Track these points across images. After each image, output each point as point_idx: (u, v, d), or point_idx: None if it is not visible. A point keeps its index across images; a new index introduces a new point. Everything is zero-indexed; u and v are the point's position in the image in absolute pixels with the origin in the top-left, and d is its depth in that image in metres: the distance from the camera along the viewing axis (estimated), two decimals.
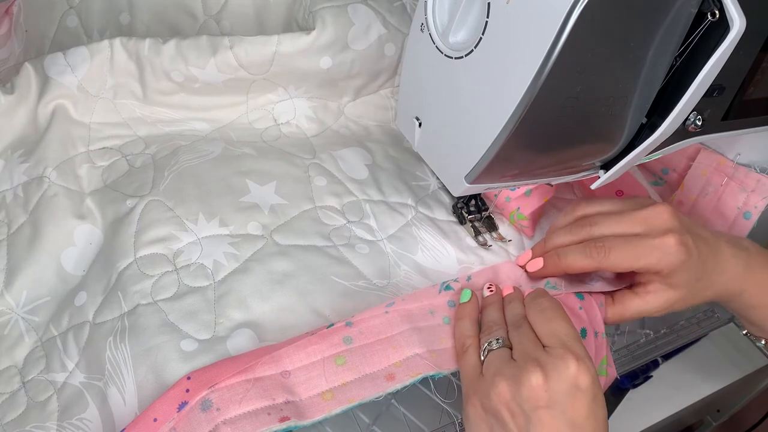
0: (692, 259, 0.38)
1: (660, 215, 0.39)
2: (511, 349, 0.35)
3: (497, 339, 0.35)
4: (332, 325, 0.36)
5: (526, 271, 0.43)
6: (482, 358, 0.35)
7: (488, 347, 0.35)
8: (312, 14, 0.49)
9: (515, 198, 0.48)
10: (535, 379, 0.31)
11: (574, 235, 0.41)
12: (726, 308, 0.43)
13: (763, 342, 0.43)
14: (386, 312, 0.38)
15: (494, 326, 0.37)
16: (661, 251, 0.38)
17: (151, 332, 0.36)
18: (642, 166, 0.58)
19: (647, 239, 0.38)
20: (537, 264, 0.42)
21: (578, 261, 0.39)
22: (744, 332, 0.45)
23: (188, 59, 0.47)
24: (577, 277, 0.43)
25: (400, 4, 0.52)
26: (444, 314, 0.40)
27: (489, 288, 0.41)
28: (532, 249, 0.43)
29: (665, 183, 0.58)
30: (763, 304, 0.40)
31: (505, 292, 0.40)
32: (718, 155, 0.51)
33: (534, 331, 0.35)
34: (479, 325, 0.38)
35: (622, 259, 0.38)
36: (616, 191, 0.54)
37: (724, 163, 0.50)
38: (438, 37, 0.37)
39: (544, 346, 0.34)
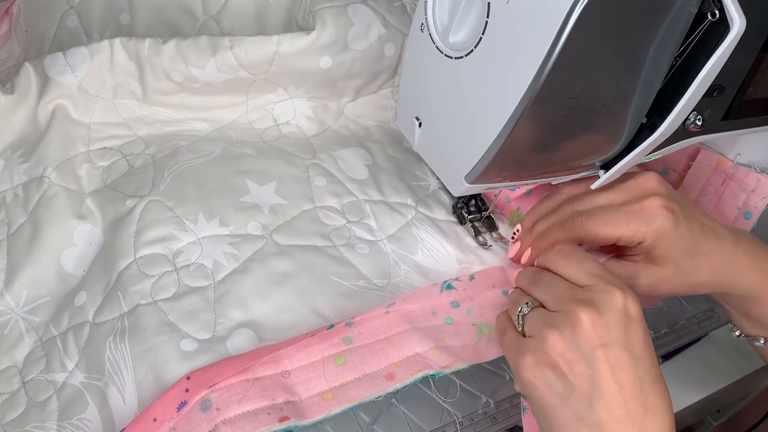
0: (680, 231, 0.35)
1: (645, 182, 0.37)
2: (543, 307, 0.33)
3: (526, 303, 0.34)
4: (332, 326, 0.36)
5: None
6: (519, 329, 0.33)
7: (520, 314, 0.33)
8: (312, 14, 0.49)
9: (515, 198, 0.48)
10: (587, 319, 0.30)
11: (559, 215, 0.39)
12: (721, 302, 0.41)
13: (762, 341, 0.40)
14: (387, 312, 0.38)
15: (517, 298, 0.35)
16: (642, 217, 0.35)
17: (150, 332, 0.36)
18: (642, 166, 0.58)
19: (628, 205, 0.36)
20: (527, 255, 0.40)
21: (557, 235, 0.37)
22: (737, 333, 0.41)
23: (188, 59, 0.47)
24: None
25: (400, 4, 0.52)
26: (446, 315, 0.40)
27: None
28: (520, 239, 0.41)
29: None
30: (757, 298, 0.38)
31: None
32: (718, 155, 0.51)
33: (561, 277, 0.33)
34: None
35: (599, 226, 0.36)
36: None
37: (724, 163, 0.50)
38: (438, 37, 0.37)
39: (582, 286, 0.32)
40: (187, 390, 0.32)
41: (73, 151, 0.46)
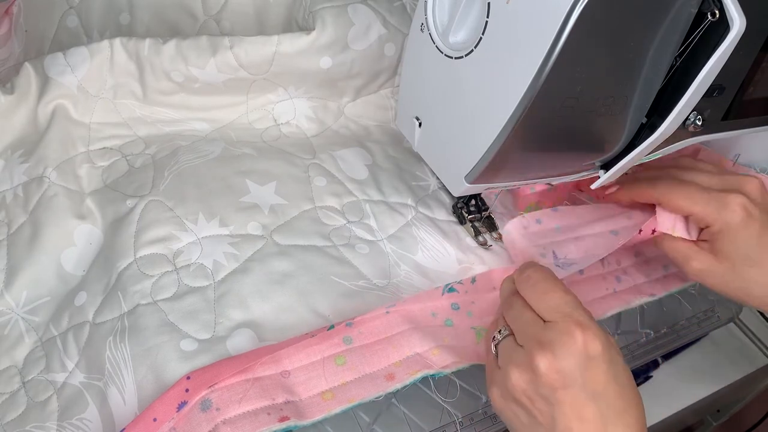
0: (748, 233, 0.36)
1: (746, 182, 0.38)
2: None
3: (500, 330, 0.34)
4: (333, 327, 0.36)
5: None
6: (494, 353, 0.34)
7: (494, 341, 0.34)
8: (312, 14, 0.49)
9: (539, 191, 0.48)
10: (544, 364, 0.30)
11: (657, 171, 0.41)
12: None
13: None
14: (387, 312, 0.38)
15: (496, 321, 0.36)
16: (720, 204, 0.37)
17: (150, 332, 0.36)
18: (642, 165, 0.58)
19: (716, 192, 0.38)
20: (613, 189, 0.42)
21: (644, 187, 0.39)
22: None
23: (188, 59, 0.47)
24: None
25: (400, 4, 0.52)
26: (446, 317, 0.40)
27: None
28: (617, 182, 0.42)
29: None
30: None
31: None
32: (718, 155, 0.51)
33: (531, 307, 0.34)
34: None
35: (681, 198, 0.38)
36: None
37: (724, 163, 0.50)
38: (438, 37, 0.37)
39: (545, 321, 0.32)
40: (187, 390, 0.32)
41: (73, 151, 0.46)
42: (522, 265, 0.36)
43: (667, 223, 0.41)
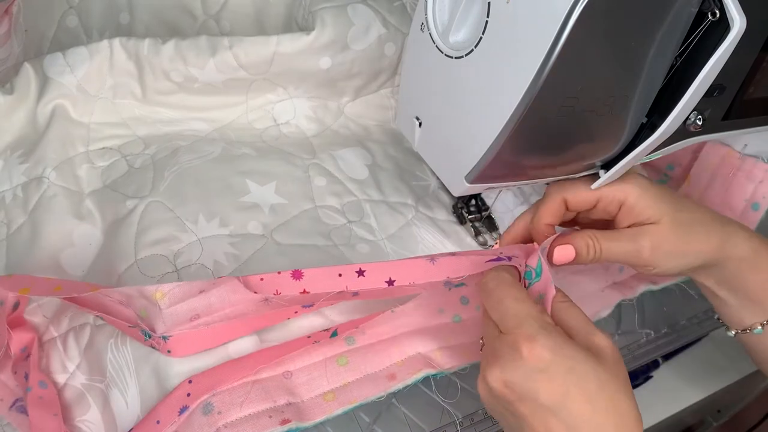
0: (659, 187, 0.36)
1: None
2: None
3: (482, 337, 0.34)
4: (335, 333, 0.36)
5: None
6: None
7: (480, 344, 0.34)
8: (311, 14, 0.49)
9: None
10: (493, 378, 0.29)
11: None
12: (714, 291, 0.39)
13: (760, 327, 0.38)
14: (392, 311, 0.37)
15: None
16: (620, 180, 0.36)
17: None
18: (647, 164, 0.58)
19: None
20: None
21: (549, 191, 0.38)
22: (732, 333, 0.40)
23: (187, 59, 0.47)
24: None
25: (400, 3, 0.52)
26: (455, 312, 0.39)
27: None
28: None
29: (669, 179, 0.57)
30: (740, 284, 0.37)
31: None
32: (726, 147, 0.50)
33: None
34: None
35: (580, 186, 0.37)
36: None
37: (731, 155, 0.49)
38: (438, 36, 0.37)
39: (500, 331, 0.31)
40: (188, 394, 0.32)
41: (73, 151, 0.46)
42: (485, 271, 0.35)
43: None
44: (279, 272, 0.33)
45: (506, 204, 0.51)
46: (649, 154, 0.39)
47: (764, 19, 0.35)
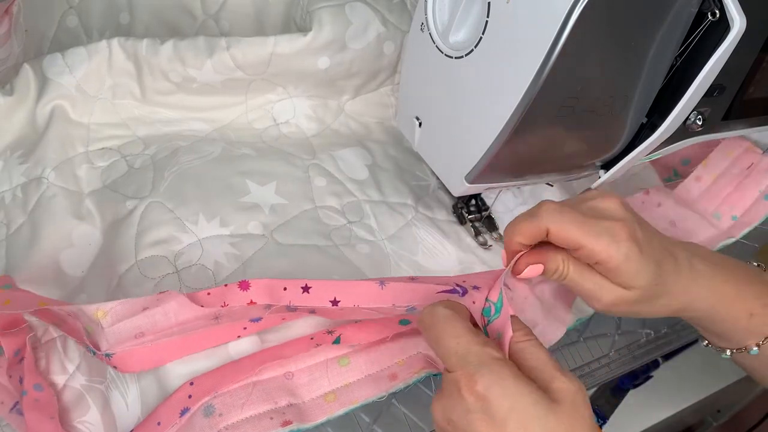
0: (645, 258, 0.33)
1: (608, 206, 0.35)
2: None
3: None
4: (338, 341, 0.35)
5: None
6: None
7: None
8: (309, 14, 0.49)
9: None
10: (437, 413, 0.29)
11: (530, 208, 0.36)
12: (689, 322, 0.39)
13: (728, 353, 0.39)
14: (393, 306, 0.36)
15: None
16: (610, 237, 0.33)
17: None
18: (656, 162, 0.57)
19: (595, 220, 0.33)
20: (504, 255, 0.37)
21: (527, 222, 0.34)
22: (704, 344, 0.41)
23: (185, 60, 0.47)
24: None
25: (400, 0, 0.52)
26: None
27: None
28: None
29: (680, 177, 0.56)
30: (720, 317, 0.37)
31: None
32: (748, 141, 0.49)
33: None
34: None
35: (568, 223, 0.33)
36: None
37: (752, 149, 0.49)
38: (438, 36, 0.37)
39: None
40: (189, 396, 0.32)
41: (72, 151, 0.46)
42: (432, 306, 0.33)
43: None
44: (226, 285, 0.33)
45: (506, 204, 0.51)
46: (649, 154, 0.39)
47: (764, 19, 0.35)
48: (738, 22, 0.31)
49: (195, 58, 0.47)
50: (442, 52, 0.37)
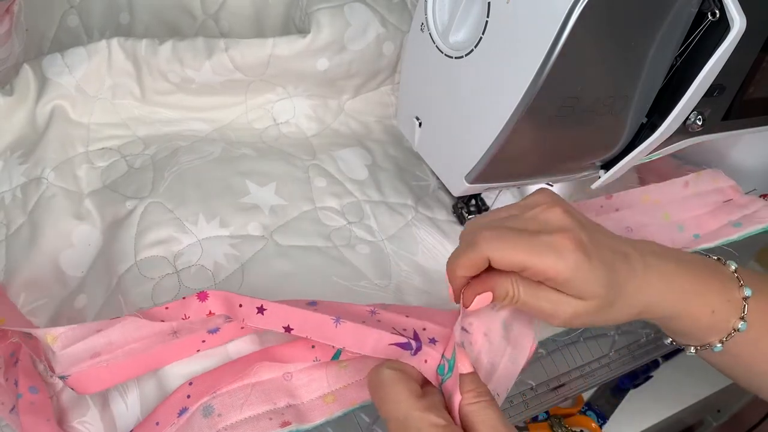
0: (594, 264, 0.32)
1: (549, 215, 0.33)
2: None
3: None
4: (338, 356, 0.35)
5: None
6: None
7: None
8: (308, 15, 0.49)
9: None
10: None
11: (464, 237, 0.35)
12: (652, 322, 0.38)
13: (692, 350, 0.38)
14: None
15: None
16: (554, 252, 0.31)
17: None
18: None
19: (535, 236, 0.32)
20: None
21: (466, 253, 0.33)
22: (669, 341, 0.40)
23: (184, 61, 0.47)
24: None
25: (400, 0, 0.52)
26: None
27: None
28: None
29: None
30: (680, 315, 0.35)
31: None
32: (733, 181, 0.49)
33: None
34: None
35: (507, 247, 0.31)
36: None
37: (736, 188, 0.48)
38: (438, 36, 0.37)
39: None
40: (188, 396, 0.32)
41: (72, 151, 0.46)
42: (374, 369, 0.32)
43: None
44: (184, 297, 0.33)
45: (506, 204, 0.51)
46: (649, 154, 0.39)
47: (764, 19, 0.35)
48: (738, 22, 0.31)
49: (193, 59, 0.47)
50: (442, 52, 0.37)
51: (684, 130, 0.38)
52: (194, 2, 0.56)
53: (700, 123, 0.38)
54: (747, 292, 0.36)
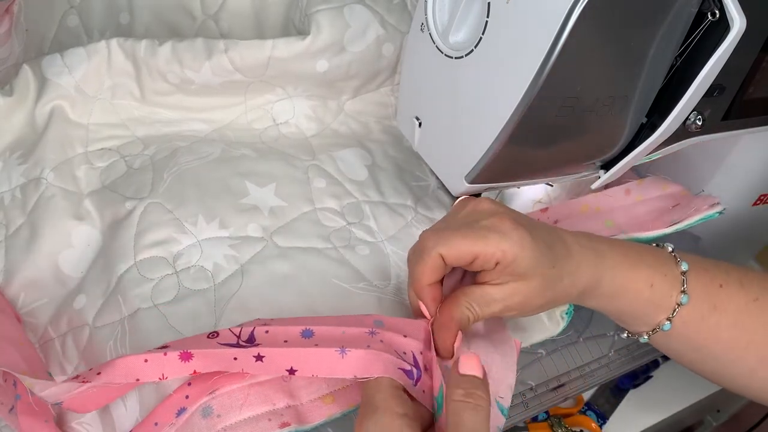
0: (536, 242, 0.33)
1: (480, 204, 0.35)
2: None
3: None
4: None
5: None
6: None
7: None
8: (307, 17, 0.49)
9: None
10: None
11: (414, 247, 0.36)
12: (589, 306, 0.38)
13: (645, 337, 0.38)
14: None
15: None
16: (497, 233, 0.33)
17: (152, 336, 0.36)
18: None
19: (476, 224, 0.34)
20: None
21: (419, 262, 0.34)
22: (625, 334, 0.40)
23: (183, 62, 0.47)
24: None
25: (400, 1, 0.52)
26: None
27: None
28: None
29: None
30: (621, 291, 0.36)
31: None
32: (682, 187, 0.48)
33: None
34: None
35: (457, 239, 0.33)
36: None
37: (687, 194, 0.47)
38: (438, 36, 0.37)
39: None
40: (187, 396, 0.32)
41: (71, 152, 0.46)
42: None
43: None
44: (165, 353, 0.30)
45: (506, 204, 0.51)
46: (649, 154, 0.40)
47: (764, 19, 0.35)
48: (738, 22, 0.31)
49: (193, 60, 0.47)
50: (442, 53, 0.37)
51: (684, 130, 0.38)
52: (194, 3, 0.56)
53: (700, 123, 0.38)
54: (684, 266, 0.37)
